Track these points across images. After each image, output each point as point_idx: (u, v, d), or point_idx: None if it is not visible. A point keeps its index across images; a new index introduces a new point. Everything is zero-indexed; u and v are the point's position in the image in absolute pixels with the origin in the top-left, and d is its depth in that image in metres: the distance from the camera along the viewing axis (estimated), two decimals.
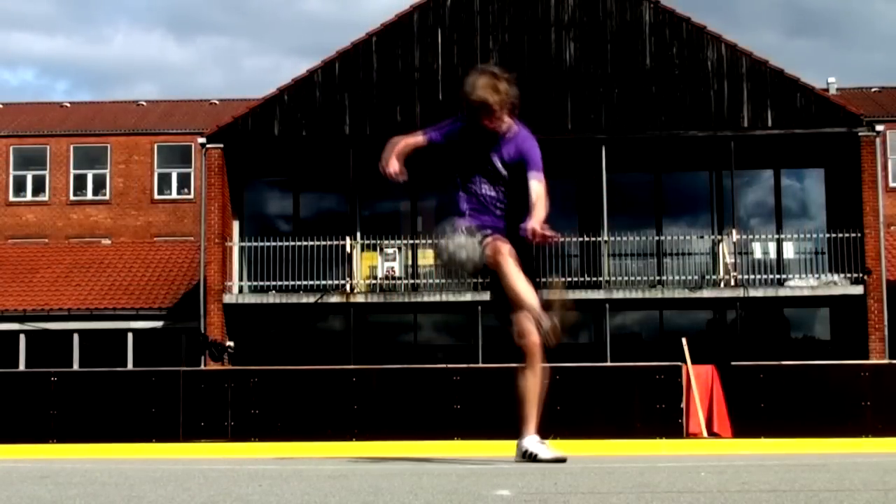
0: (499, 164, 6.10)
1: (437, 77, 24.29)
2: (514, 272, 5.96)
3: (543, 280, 6.32)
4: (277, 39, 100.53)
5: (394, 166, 6.06)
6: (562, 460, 5.79)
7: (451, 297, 23.94)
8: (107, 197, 38.37)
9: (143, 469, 5.87)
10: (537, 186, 6.01)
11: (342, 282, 24.31)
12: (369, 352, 24.31)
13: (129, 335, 27.36)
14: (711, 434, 15.28)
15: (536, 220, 5.90)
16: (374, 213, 26.43)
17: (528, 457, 5.83)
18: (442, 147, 6.16)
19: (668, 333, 24.79)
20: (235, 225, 26.02)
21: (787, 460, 6.82)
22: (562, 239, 5.84)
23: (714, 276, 24.56)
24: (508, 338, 6.06)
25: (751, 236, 25.25)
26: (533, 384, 5.96)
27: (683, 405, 15.44)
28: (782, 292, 24.12)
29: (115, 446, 12.61)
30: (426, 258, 25.35)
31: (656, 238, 25.18)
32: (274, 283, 24.56)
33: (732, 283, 24.04)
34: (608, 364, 21.60)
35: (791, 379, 15.68)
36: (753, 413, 15.36)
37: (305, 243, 24.48)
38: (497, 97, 5.95)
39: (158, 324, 27.43)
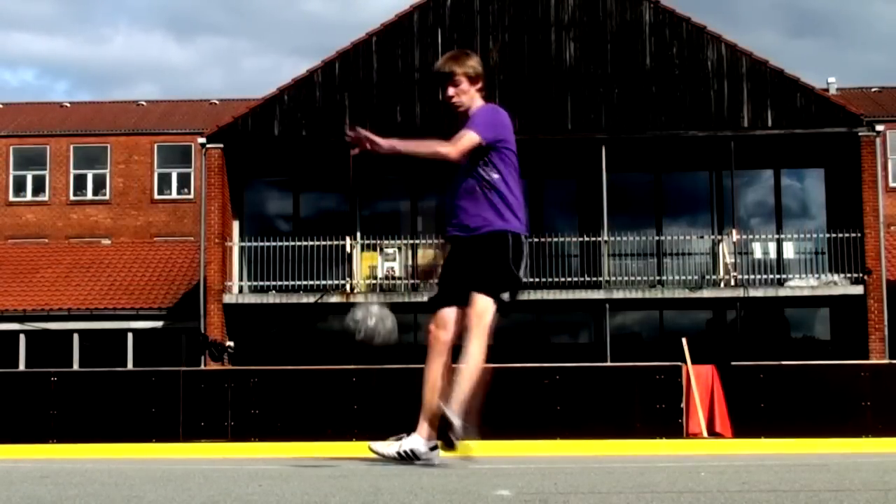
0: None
1: None
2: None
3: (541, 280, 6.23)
4: (277, 40, 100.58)
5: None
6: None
7: None
8: (107, 197, 38.37)
9: (143, 469, 5.87)
10: (456, 138, 5.66)
11: (342, 282, 24.31)
12: (369, 352, 24.26)
13: (129, 335, 27.36)
14: (712, 434, 15.28)
15: (380, 138, 5.53)
16: (374, 213, 26.43)
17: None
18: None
19: (668, 333, 24.79)
20: (235, 225, 26.02)
21: (787, 460, 6.82)
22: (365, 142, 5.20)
23: (714, 276, 24.56)
24: (508, 337, 6.05)
25: (751, 236, 25.25)
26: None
27: (683, 405, 15.44)
28: (782, 292, 24.12)
29: (115, 446, 12.60)
30: (426, 258, 25.35)
31: (656, 238, 25.18)
32: (274, 283, 24.56)
33: (732, 283, 24.04)
34: (608, 364, 21.60)
35: (791, 379, 15.68)
36: (753, 413, 15.36)
37: (305, 243, 24.48)
38: (460, 67, 5.80)
39: (158, 324, 27.43)
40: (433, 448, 5.78)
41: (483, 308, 5.76)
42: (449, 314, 5.92)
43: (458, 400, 5.64)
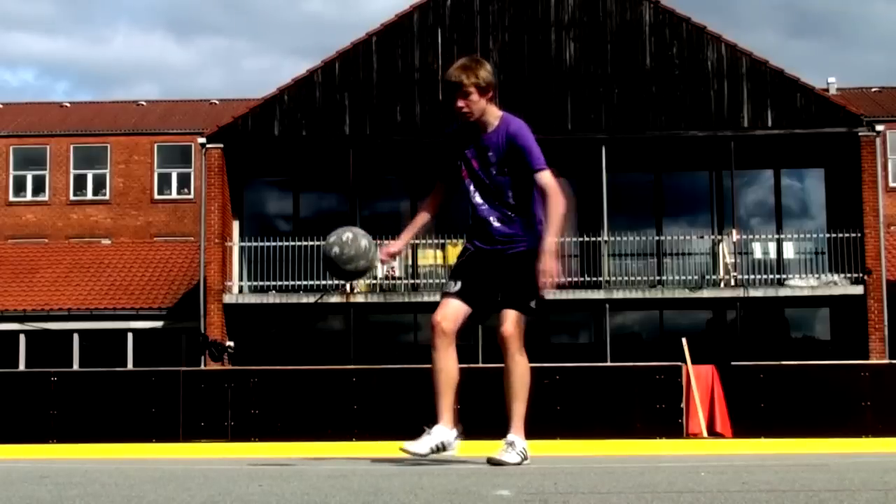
0: (477, 165, 5.79)
1: (437, 77, 24.26)
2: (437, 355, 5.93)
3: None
4: (277, 40, 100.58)
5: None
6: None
7: None
8: (107, 197, 38.37)
9: (143, 469, 5.87)
10: (549, 188, 5.69)
11: (342, 282, 24.30)
12: (369, 352, 24.30)
13: (129, 335, 27.36)
14: (712, 434, 15.28)
15: (547, 264, 5.69)
16: (374, 213, 26.42)
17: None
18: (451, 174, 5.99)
19: (668, 333, 24.79)
20: (235, 225, 26.03)
21: (787, 460, 6.82)
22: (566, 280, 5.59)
23: (714, 276, 24.56)
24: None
25: (751, 236, 25.25)
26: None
27: (683, 405, 15.44)
28: (782, 292, 24.12)
29: (115, 446, 12.60)
30: (426, 258, 25.35)
31: (656, 238, 25.18)
32: (274, 283, 24.56)
33: (732, 283, 24.04)
34: (608, 364, 21.59)
35: (791, 379, 15.68)
36: (753, 413, 15.36)
37: (305, 243, 24.48)
38: (470, 78, 5.69)
39: (158, 324, 27.42)
40: (456, 437, 5.90)
41: (517, 322, 5.90)
42: (457, 308, 5.93)
43: (520, 422, 6.14)
